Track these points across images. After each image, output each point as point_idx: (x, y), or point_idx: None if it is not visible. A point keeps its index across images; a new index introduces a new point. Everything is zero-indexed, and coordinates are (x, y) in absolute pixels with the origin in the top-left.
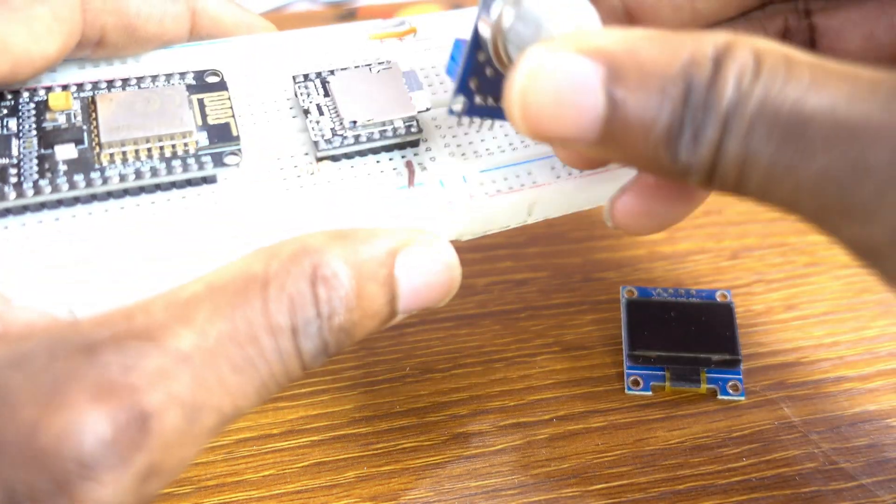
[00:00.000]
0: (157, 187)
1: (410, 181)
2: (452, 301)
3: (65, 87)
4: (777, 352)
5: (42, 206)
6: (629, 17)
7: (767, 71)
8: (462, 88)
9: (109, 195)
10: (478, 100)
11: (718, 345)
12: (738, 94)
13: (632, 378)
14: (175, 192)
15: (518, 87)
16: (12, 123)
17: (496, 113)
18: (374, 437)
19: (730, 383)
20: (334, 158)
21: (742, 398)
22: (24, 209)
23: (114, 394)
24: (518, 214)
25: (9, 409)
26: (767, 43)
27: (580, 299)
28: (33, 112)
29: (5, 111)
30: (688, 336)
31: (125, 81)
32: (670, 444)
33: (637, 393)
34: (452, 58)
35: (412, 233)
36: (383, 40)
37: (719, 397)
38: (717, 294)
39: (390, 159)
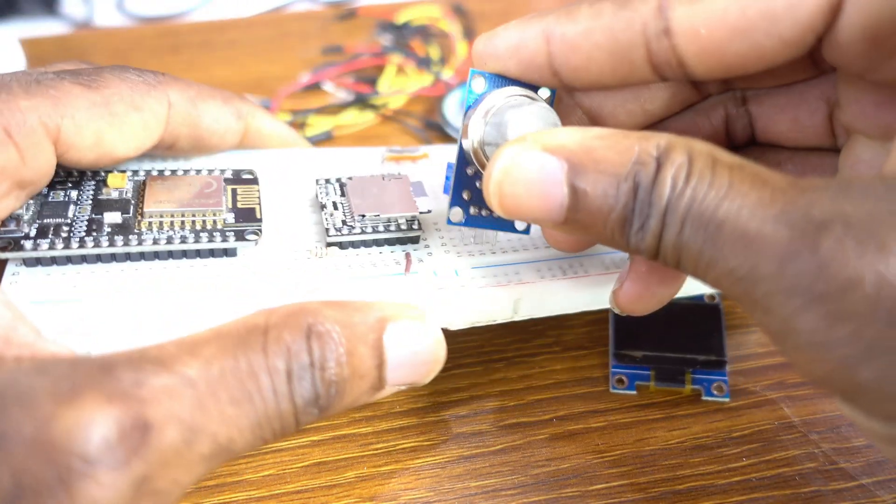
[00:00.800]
0: (184, 254)
1: (407, 269)
2: None
3: (123, 171)
4: (776, 352)
5: (83, 259)
6: (592, 122)
7: (697, 173)
8: (456, 200)
9: (142, 256)
10: (472, 210)
11: (705, 346)
12: (673, 195)
13: (616, 377)
14: (199, 260)
15: (495, 178)
16: (73, 194)
17: (493, 223)
18: (374, 437)
19: (714, 384)
20: (342, 246)
21: (727, 399)
22: (68, 260)
23: (123, 401)
24: (504, 310)
25: (29, 406)
26: (700, 145)
27: None
28: (93, 186)
29: (70, 184)
30: (674, 336)
31: (174, 172)
32: (670, 444)
33: (621, 392)
34: (447, 178)
35: (403, 307)
36: (399, 162)
37: (703, 398)
38: (706, 295)
39: (392, 251)
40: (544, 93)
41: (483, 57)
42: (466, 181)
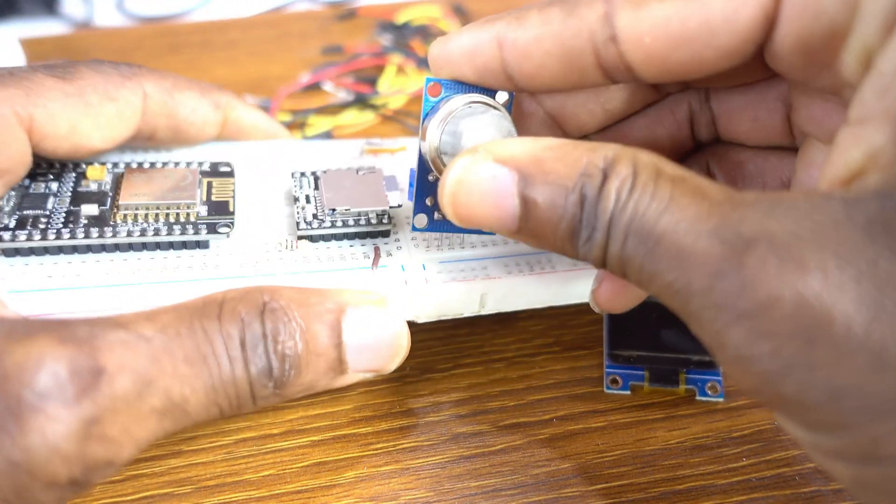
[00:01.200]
0: (158, 246)
1: (374, 263)
2: None
3: (103, 163)
4: None
5: (60, 249)
6: (554, 123)
7: (640, 186)
8: (419, 207)
9: (117, 247)
10: (436, 215)
11: (698, 346)
12: (617, 208)
13: (611, 377)
14: (172, 252)
15: (448, 189)
16: (54, 186)
17: (457, 227)
18: (374, 437)
19: (708, 384)
20: (312, 239)
21: (720, 399)
22: (45, 251)
23: (77, 344)
24: (471, 304)
25: None
26: (646, 156)
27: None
28: (73, 178)
29: (51, 176)
30: (668, 337)
31: (153, 164)
32: (670, 444)
33: (615, 392)
34: (410, 184)
35: (364, 293)
36: (377, 154)
37: (697, 398)
38: None
39: (362, 245)
40: (502, 96)
41: (438, 63)
42: (428, 187)
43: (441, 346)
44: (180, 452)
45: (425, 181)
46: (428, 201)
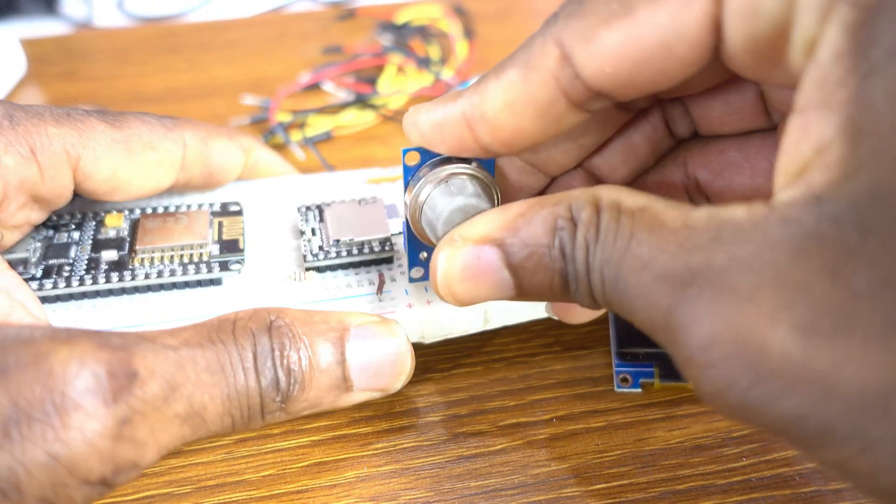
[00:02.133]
0: (174, 286)
1: (379, 290)
2: None
3: (120, 211)
4: None
5: (84, 295)
6: (532, 167)
7: (604, 229)
8: (414, 262)
9: (136, 290)
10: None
11: None
12: (589, 254)
13: (621, 375)
14: (188, 290)
15: (441, 284)
16: (76, 235)
17: None
18: (374, 437)
19: None
20: (319, 270)
21: None
22: (70, 297)
23: (113, 349)
24: (475, 322)
25: (30, 344)
26: (607, 193)
27: None
28: (93, 227)
29: (73, 226)
30: None
31: (167, 208)
32: (670, 444)
33: (626, 391)
34: (404, 237)
35: (367, 315)
36: (380, 183)
37: None
38: None
39: (368, 272)
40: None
41: (411, 135)
42: (420, 244)
43: (441, 345)
44: (180, 452)
45: (416, 239)
46: (421, 255)
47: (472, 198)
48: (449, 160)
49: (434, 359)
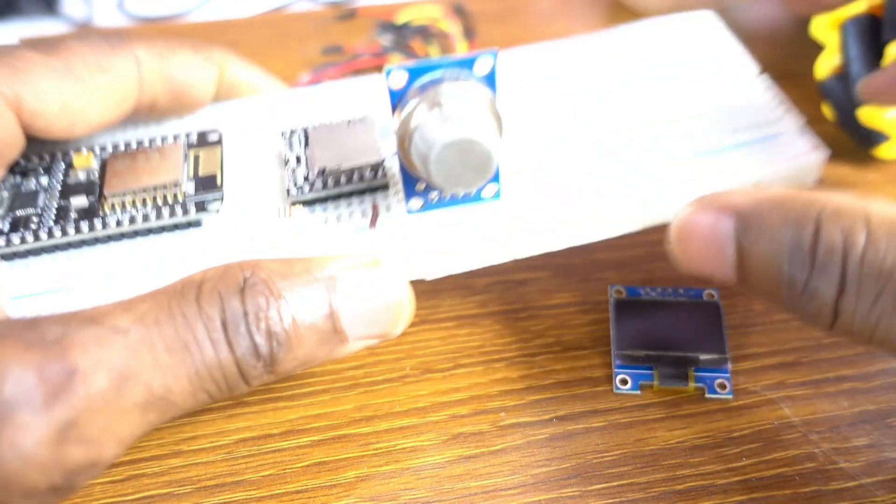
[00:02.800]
0: (150, 231)
1: (373, 223)
2: (452, 301)
3: (90, 149)
4: (776, 352)
5: (55, 248)
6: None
7: (874, 237)
8: (411, 193)
9: (110, 238)
10: (431, 196)
11: (706, 344)
12: (850, 259)
13: (620, 377)
14: (166, 235)
15: (673, 235)
16: (44, 180)
17: (454, 201)
18: (374, 437)
19: (717, 381)
20: (306, 203)
21: (730, 397)
22: (42, 250)
23: (44, 348)
24: (487, 252)
25: None
26: (880, 209)
27: (580, 299)
28: (62, 169)
29: (41, 170)
30: (675, 335)
31: (140, 143)
32: (670, 444)
33: (625, 392)
34: (399, 159)
35: (355, 256)
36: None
37: (707, 396)
38: (705, 293)
39: (361, 203)
40: (485, 63)
41: None
42: (415, 178)
43: (441, 345)
44: (180, 452)
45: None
46: (418, 187)
47: (467, 130)
48: (441, 80)
49: (434, 359)
